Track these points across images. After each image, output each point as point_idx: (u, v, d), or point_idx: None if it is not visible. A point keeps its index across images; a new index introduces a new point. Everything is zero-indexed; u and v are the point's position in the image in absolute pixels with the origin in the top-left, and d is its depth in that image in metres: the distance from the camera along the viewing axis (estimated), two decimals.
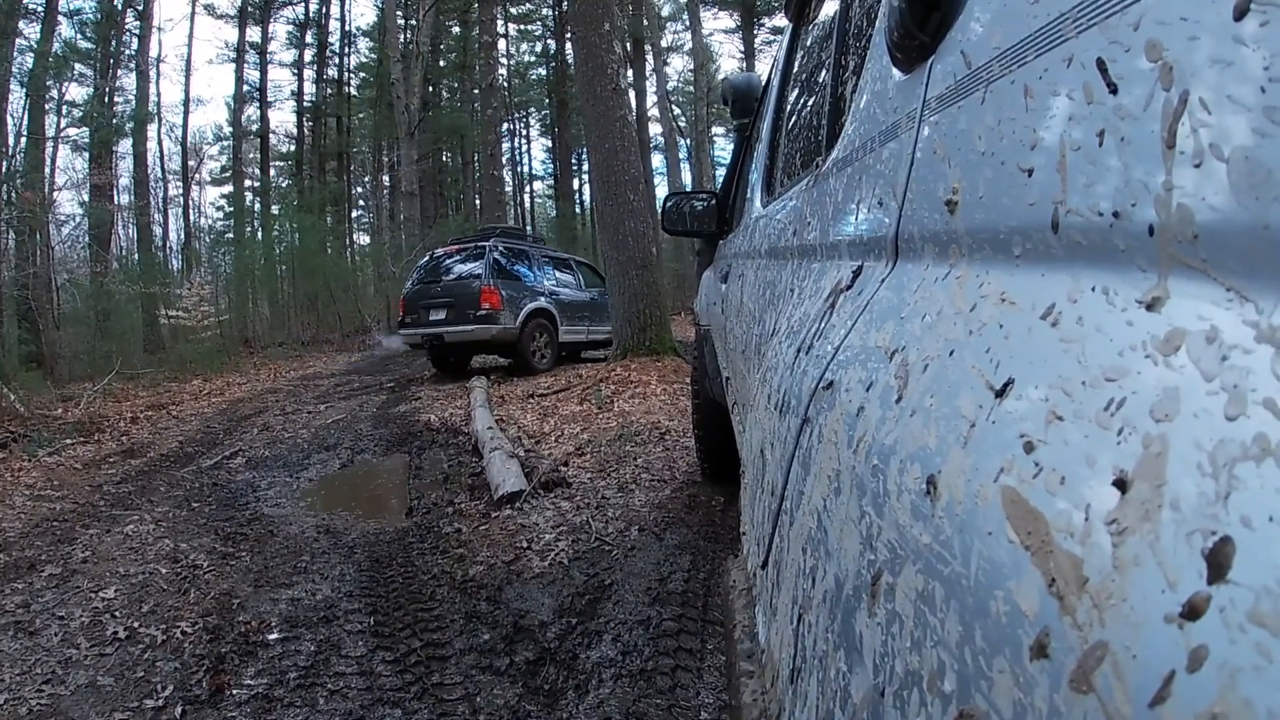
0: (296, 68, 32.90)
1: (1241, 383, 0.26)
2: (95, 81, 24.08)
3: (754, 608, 1.04)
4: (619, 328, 8.57)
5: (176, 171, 30.27)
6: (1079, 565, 0.30)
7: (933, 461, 0.45)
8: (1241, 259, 0.28)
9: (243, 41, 30.49)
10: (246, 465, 5.72)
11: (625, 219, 8.27)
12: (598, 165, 8.64)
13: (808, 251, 1.14)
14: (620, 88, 8.61)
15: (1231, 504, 0.24)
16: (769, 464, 0.97)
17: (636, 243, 8.34)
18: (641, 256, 8.35)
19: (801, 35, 1.77)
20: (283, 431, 6.99)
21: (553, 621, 2.70)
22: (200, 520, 4.23)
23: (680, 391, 6.75)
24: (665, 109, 23.55)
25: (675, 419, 5.85)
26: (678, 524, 3.59)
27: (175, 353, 15.61)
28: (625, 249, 8.31)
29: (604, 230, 8.76)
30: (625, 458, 4.85)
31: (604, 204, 8.55)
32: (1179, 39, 0.32)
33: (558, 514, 3.85)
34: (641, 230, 8.39)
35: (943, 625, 0.39)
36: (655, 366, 7.76)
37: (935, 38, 0.62)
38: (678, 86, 32.99)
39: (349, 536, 3.81)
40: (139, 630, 2.77)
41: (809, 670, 0.62)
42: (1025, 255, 0.45)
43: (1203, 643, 0.23)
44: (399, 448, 5.98)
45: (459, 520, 3.90)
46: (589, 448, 5.19)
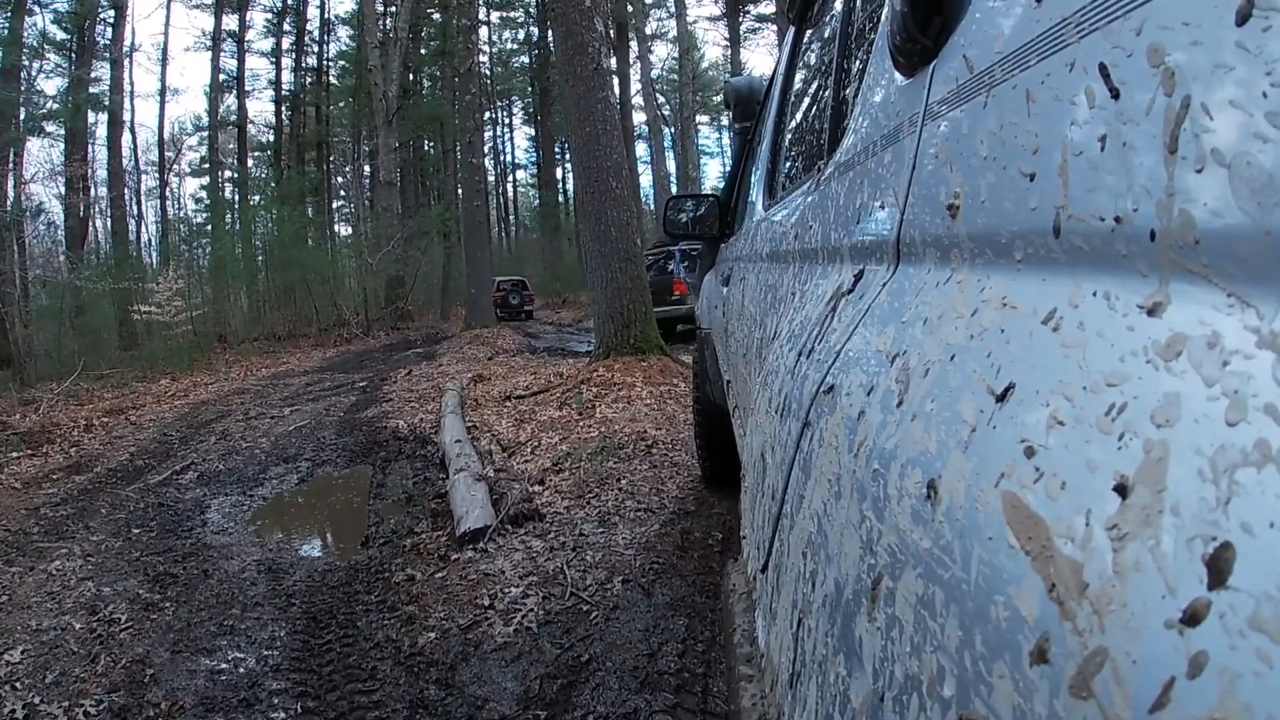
0: (274, 56, 32.54)
1: (1242, 388, 0.26)
2: (70, 72, 23.89)
3: (754, 611, 1.04)
4: (600, 324, 7.95)
5: (155, 162, 30.11)
6: (1079, 570, 0.30)
7: (933, 466, 0.45)
8: (1243, 264, 0.28)
9: (219, 29, 30.07)
10: (198, 480, 5.34)
11: (607, 208, 7.60)
12: (578, 150, 7.94)
13: (809, 255, 1.14)
14: (602, 68, 7.90)
15: (1232, 510, 0.24)
16: (769, 467, 0.97)
17: (619, 234, 7.66)
18: (624, 248, 7.69)
19: (804, 38, 1.77)
20: (241, 440, 6.63)
21: (516, 717, 2.23)
22: (134, 553, 3.85)
23: (668, 394, 6.40)
24: (650, 96, 23.13)
25: (662, 427, 5.40)
26: (669, 572, 3.07)
27: (146, 350, 15.52)
28: (607, 240, 7.63)
29: (585, 220, 8.04)
30: (607, 478, 4.33)
31: (585, 192, 7.84)
32: (1181, 44, 0.32)
33: (527, 556, 3.29)
34: (625, 220, 7.70)
35: (943, 630, 0.39)
36: (640, 366, 7.21)
37: (937, 42, 0.62)
38: (662, 75, 32.69)
39: (291, 579, 3.34)
40: (38, 708, 2.44)
41: (808, 674, 0.62)
42: (1027, 260, 0.45)
43: (1203, 648, 0.23)
44: (363, 459, 5.63)
45: (415, 562, 3.38)
46: (567, 462, 4.72)
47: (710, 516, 3.63)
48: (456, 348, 13.43)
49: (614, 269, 7.67)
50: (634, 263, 7.79)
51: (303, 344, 18.14)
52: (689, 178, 19.51)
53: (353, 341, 17.66)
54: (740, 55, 28.67)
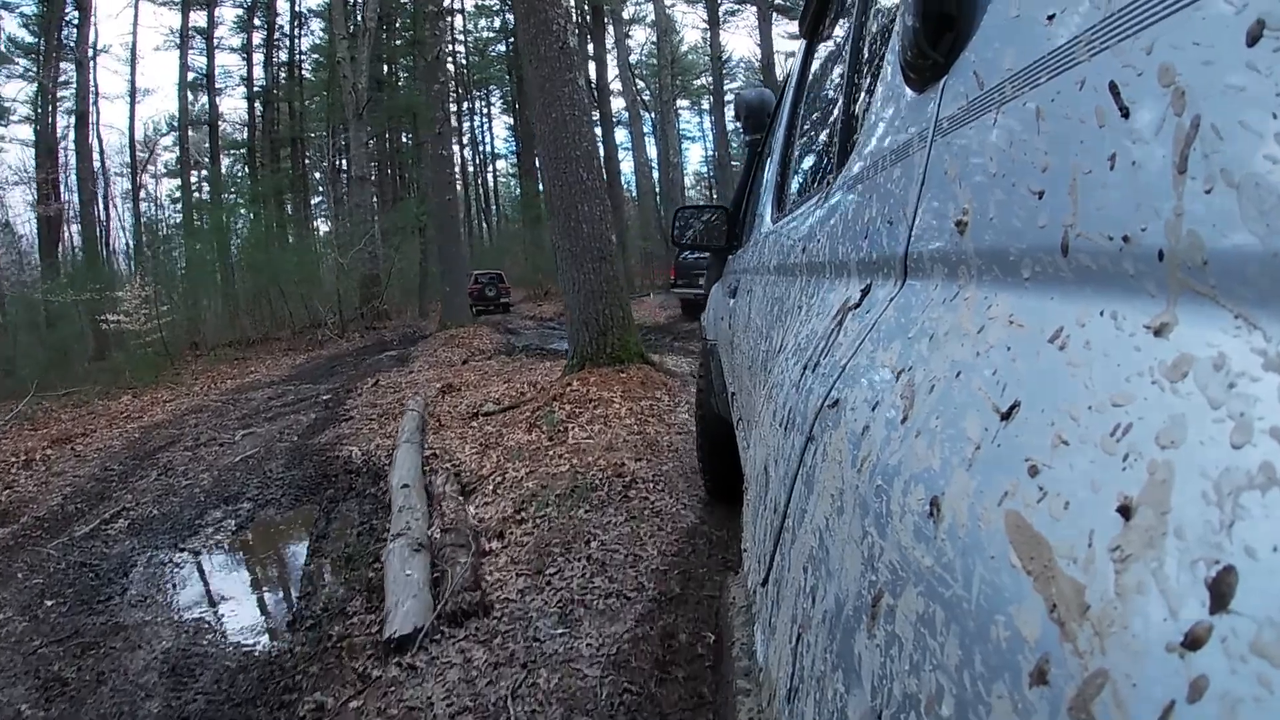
0: (245, 52, 31.94)
1: (1248, 411, 0.26)
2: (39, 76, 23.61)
3: (753, 625, 1.04)
4: (574, 332, 7.14)
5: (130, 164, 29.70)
6: (1081, 591, 0.30)
7: (936, 483, 0.45)
8: (1251, 286, 0.28)
9: (186, 26, 29.48)
10: (129, 530, 4.76)
11: (578, 201, 6.85)
12: (544, 138, 7.09)
13: (816, 268, 1.14)
14: (568, 46, 7.17)
15: (1235, 533, 0.24)
16: (772, 481, 0.97)
17: (592, 230, 6.91)
18: (598, 246, 6.93)
19: (814, 52, 1.78)
20: (183, 476, 6.01)
21: None
22: (37, 640, 3.27)
23: (649, 412, 5.68)
24: (628, 80, 22.43)
25: (643, 457, 4.62)
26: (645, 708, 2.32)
27: (112, 363, 14.86)
28: (579, 237, 6.89)
29: (554, 215, 7.22)
30: (576, 537, 3.54)
31: (553, 184, 7.06)
32: (1192, 64, 0.31)
33: (465, 677, 2.53)
34: (598, 215, 6.96)
35: (942, 649, 0.38)
36: (619, 379, 6.49)
37: (948, 58, 0.62)
38: (641, 59, 32.13)
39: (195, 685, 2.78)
40: None
41: (806, 690, 0.61)
42: (1034, 277, 0.45)
43: (1203, 673, 0.23)
44: (310, 498, 5.08)
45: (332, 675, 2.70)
46: (532, 507, 4.01)
47: (700, 602, 2.94)
48: (430, 350, 12.83)
49: (586, 270, 6.93)
50: (609, 262, 7.04)
51: (275, 349, 17.40)
52: (670, 163, 18.92)
53: (326, 345, 16.95)
54: (720, 38, 28.04)
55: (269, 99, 31.97)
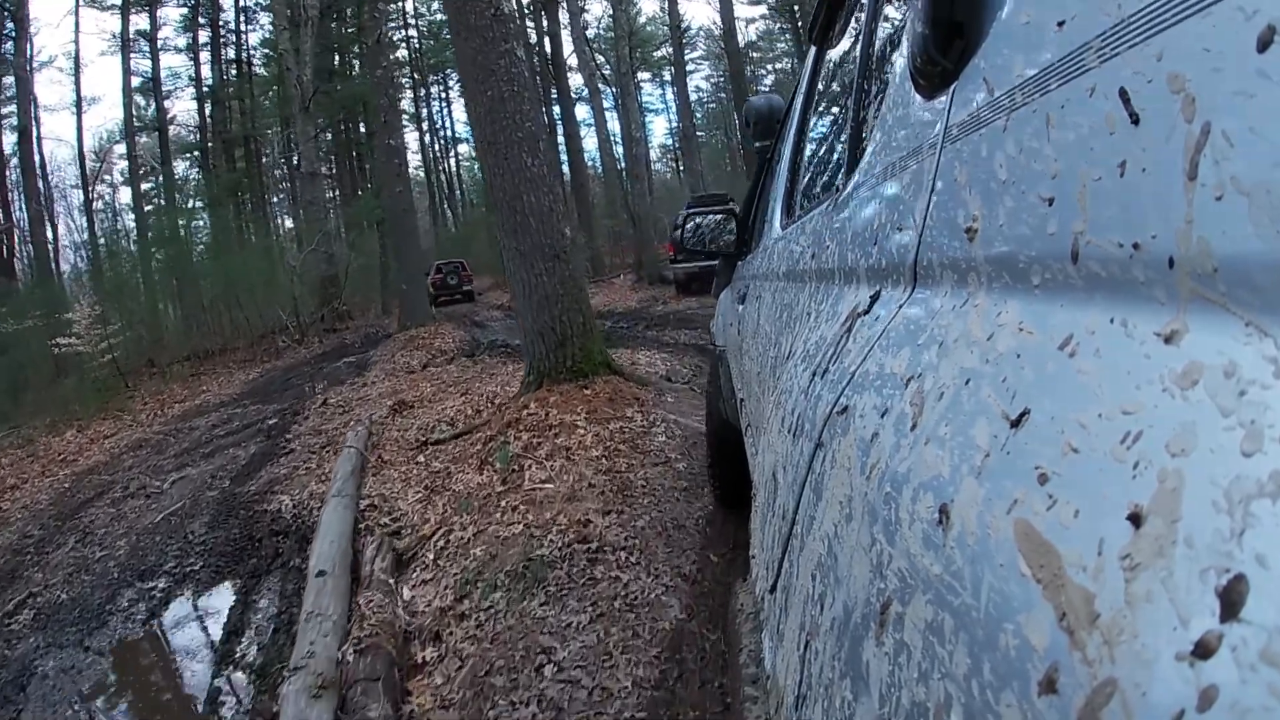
0: (193, 51, 30.49)
1: (1259, 418, 0.26)
2: None
3: (761, 632, 1.03)
4: (529, 344, 6.16)
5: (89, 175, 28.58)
6: (1090, 600, 0.29)
7: (946, 491, 0.44)
8: (1261, 293, 0.28)
9: (126, 30, 28.17)
10: (33, 623, 4.14)
11: (523, 191, 5.91)
12: (479, 120, 6.05)
13: (826, 275, 1.14)
14: (502, 13, 6.16)
15: (1246, 541, 0.24)
16: (781, 487, 0.97)
17: (541, 224, 5.92)
18: (550, 242, 5.95)
19: (824, 59, 1.78)
20: (99, 544, 5.32)
21: None
22: None
23: (619, 436, 4.68)
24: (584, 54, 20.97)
25: (613, 506, 3.69)
26: None
27: (62, 391, 13.93)
28: (526, 233, 5.93)
29: (497, 209, 6.24)
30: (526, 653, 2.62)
31: (494, 173, 6.02)
32: (1202, 71, 0.31)
33: None
34: (547, 206, 5.96)
35: (951, 657, 0.38)
36: (582, 397, 5.49)
37: (958, 65, 0.62)
38: (599, 33, 30.80)
39: None
40: None
41: (814, 698, 0.61)
42: (1044, 285, 0.45)
43: (1213, 682, 0.23)
44: (232, 568, 4.46)
45: None
46: (476, 592, 3.18)
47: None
48: (389, 355, 11.86)
49: (538, 271, 5.97)
50: (564, 260, 6.06)
51: (232, 361, 16.32)
52: (632, 137, 18.44)
53: (285, 353, 15.82)
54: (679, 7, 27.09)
55: (219, 98, 30.70)
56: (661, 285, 15.97)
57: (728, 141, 38.70)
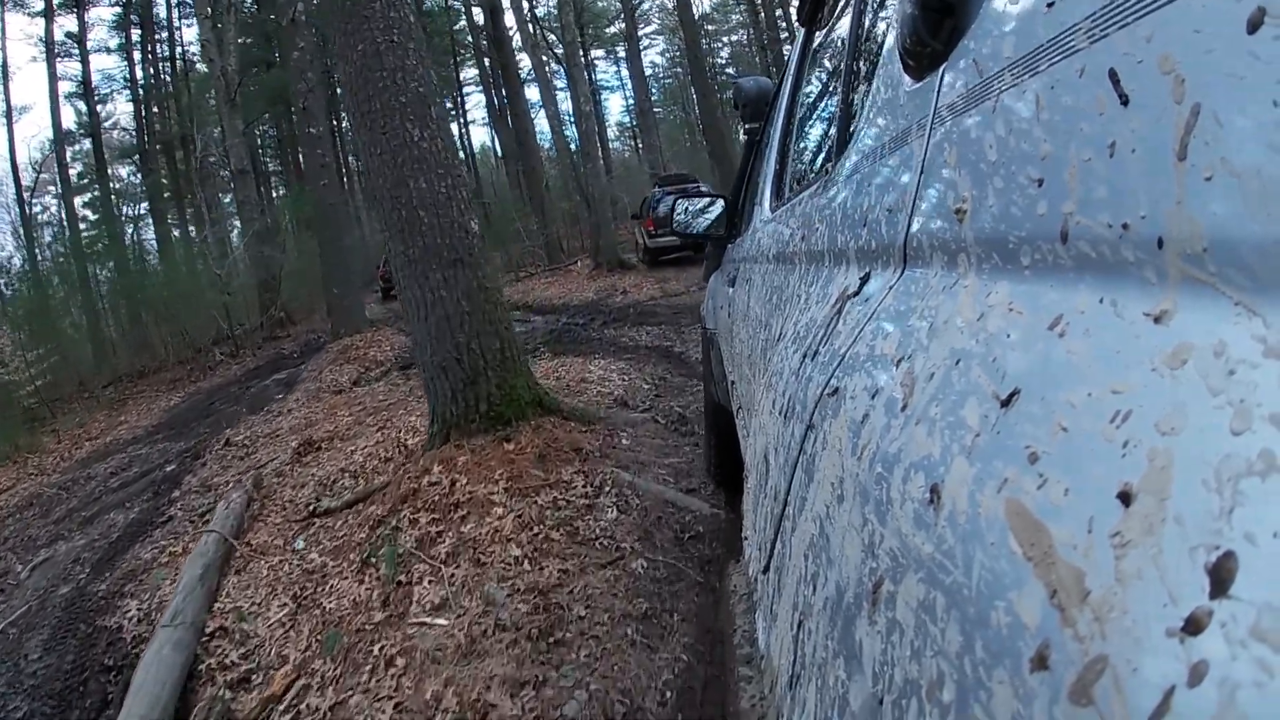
0: (125, 51, 28.41)
1: (1248, 397, 0.26)
2: None
3: (754, 613, 1.04)
4: (429, 383, 4.56)
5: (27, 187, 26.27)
6: (1081, 577, 0.30)
7: (936, 470, 0.45)
8: (1251, 273, 0.28)
9: (51, 32, 26.01)
10: None
11: (409, 175, 4.36)
12: (349, 82, 4.53)
13: (815, 257, 1.14)
14: None
15: (1235, 519, 0.24)
16: (772, 469, 0.97)
17: (436, 218, 4.38)
18: (449, 243, 4.40)
19: (813, 41, 1.77)
20: None
21: None
22: None
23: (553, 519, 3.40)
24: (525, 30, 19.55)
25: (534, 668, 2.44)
26: None
27: None
28: (415, 233, 4.37)
29: (376, 200, 4.73)
30: None
31: (368, 150, 4.52)
32: (1192, 52, 0.31)
33: None
34: (444, 194, 4.43)
35: (943, 635, 0.39)
36: (503, 455, 4.01)
37: (948, 45, 0.62)
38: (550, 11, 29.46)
39: None
40: None
41: (808, 677, 0.62)
42: (1034, 265, 0.45)
43: (1203, 658, 0.23)
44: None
45: None
46: None
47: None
48: (318, 370, 10.35)
49: (433, 282, 4.35)
50: (470, 266, 4.44)
51: (161, 381, 14.70)
52: (582, 111, 17.31)
53: (219, 368, 14.27)
54: None
55: (152, 98, 28.78)
56: (622, 271, 14.88)
57: (685, 117, 37.98)
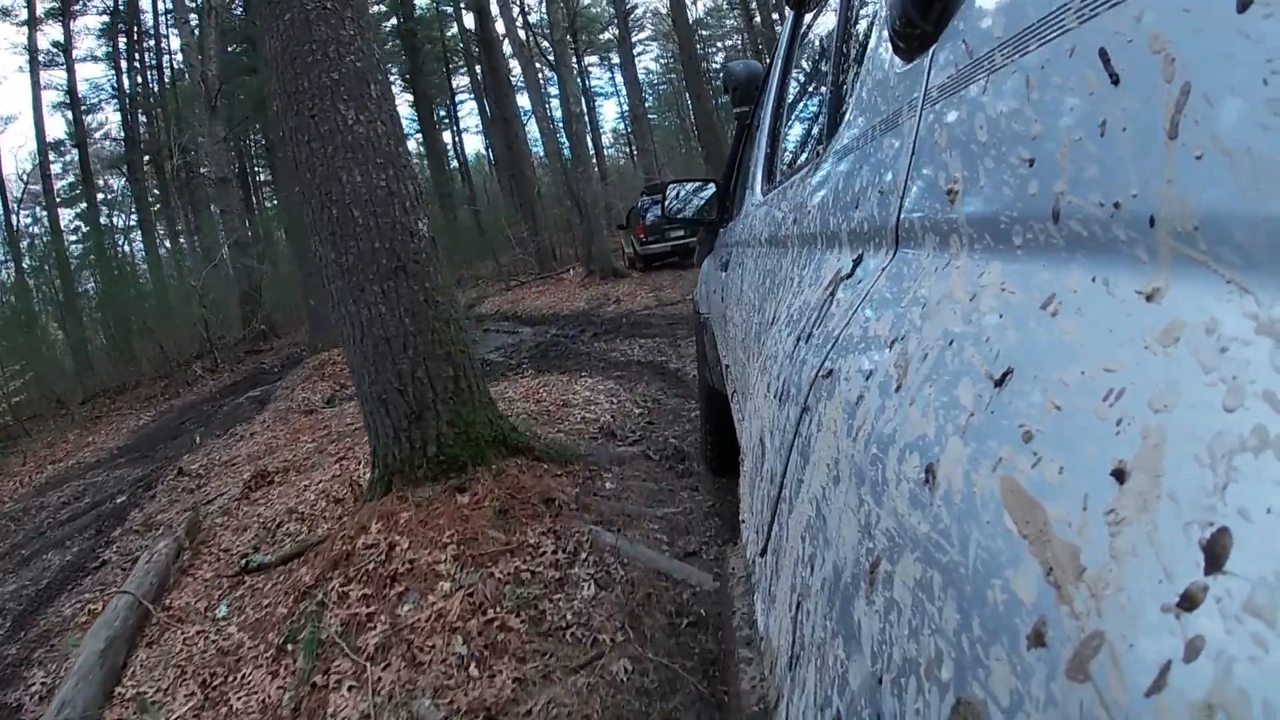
0: (113, 60, 27.84)
1: (1240, 375, 0.26)
2: None
3: (753, 595, 1.05)
4: (368, 418, 3.81)
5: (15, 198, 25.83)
6: (1076, 555, 0.30)
7: (931, 450, 0.45)
8: (1242, 251, 0.28)
9: (34, 42, 25.48)
10: None
11: (341, 167, 3.62)
12: (275, 59, 3.76)
13: (808, 240, 1.14)
14: None
15: (1229, 495, 0.24)
16: (768, 452, 0.98)
17: (374, 219, 3.65)
18: (390, 248, 3.67)
19: (803, 23, 1.76)
20: None
21: None
22: None
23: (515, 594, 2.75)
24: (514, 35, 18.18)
25: None
26: None
27: None
28: (349, 236, 3.64)
29: (305, 197, 3.84)
30: None
31: (295, 138, 3.73)
32: (1182, 31, 0.32)
33: None
34: (383, 189, 3.70)
35: (940, 613, 0.39)
36: (454, 511, 3.31)
37: (937, 27, 0.62)
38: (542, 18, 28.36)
39: None
40: None
41: (807, 657, 0.62)
42: (1026, 245, 0.45)
43: (1199, 633, 0.23)
44: None
45: None
46: None
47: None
48: (290, 387, 9.72)
49: (370, 296, 3.60)
50: (413, 276, 3.69)
51: (137, 398, 14.11)
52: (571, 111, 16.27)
53: (197, 384, 13.68)
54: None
55: (138, 107, 28.14)
56: (615, 279, 14.31)
57: (680, 123, 37.76)
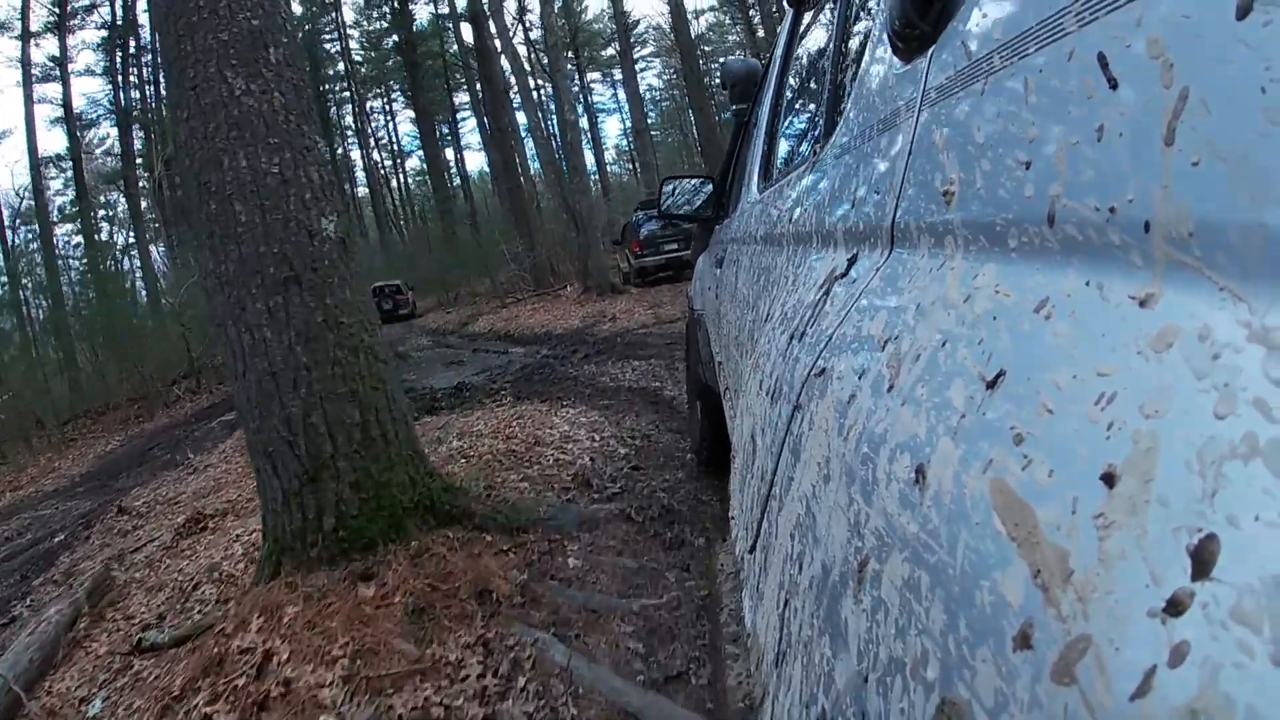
0: (110, 76, 27.79)
1: (1232, 381, 0.26)
2: None
3: (741, 592, 1.05)
4: (258, 474, 2.97)
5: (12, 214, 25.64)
6: (1065, 558, 0.30)
7: (922, 451, 0.45)
8: (1236, 258, 0.28)
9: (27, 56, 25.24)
10: None
11: (224, 149, 2.84)
12: (160, 21, 3.05)
13: (803, 238, 1.14)
14: None
15: (1218, 502, 0.25)
16: (759, 449, 0.98)
17: (260, 215, 2.84)
18: (281, 253, 2.85)
19: (802, 22, 1.76)
20: None
21: None
22: None
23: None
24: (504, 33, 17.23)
25: None
26: None
27: None
28: (228, 237, 2.84)
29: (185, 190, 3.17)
30: None
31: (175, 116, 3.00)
32: (1181, 37, 0.32)
33: None
34: (274, 179, 2.88)
35: (927, 613, 0.39)
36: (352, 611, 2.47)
37: (936, 28, 0.62)
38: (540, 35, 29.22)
39: None
40: None
41: (794, 655, 0.62)
42: (1020, 248, 0.45)
43: (1185, 638, 0.23)
44: None
45: None
46: None
47: None
48: None
49: (252, 314, 2.85)
50: (310, 289, 2.89)
51: (114, 420, 13.73)
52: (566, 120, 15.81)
53: (174, 406, 13.37)
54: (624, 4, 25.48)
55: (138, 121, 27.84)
56: (612, 295, 13.98)
57: (684, 139, 37.71)
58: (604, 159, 38.68)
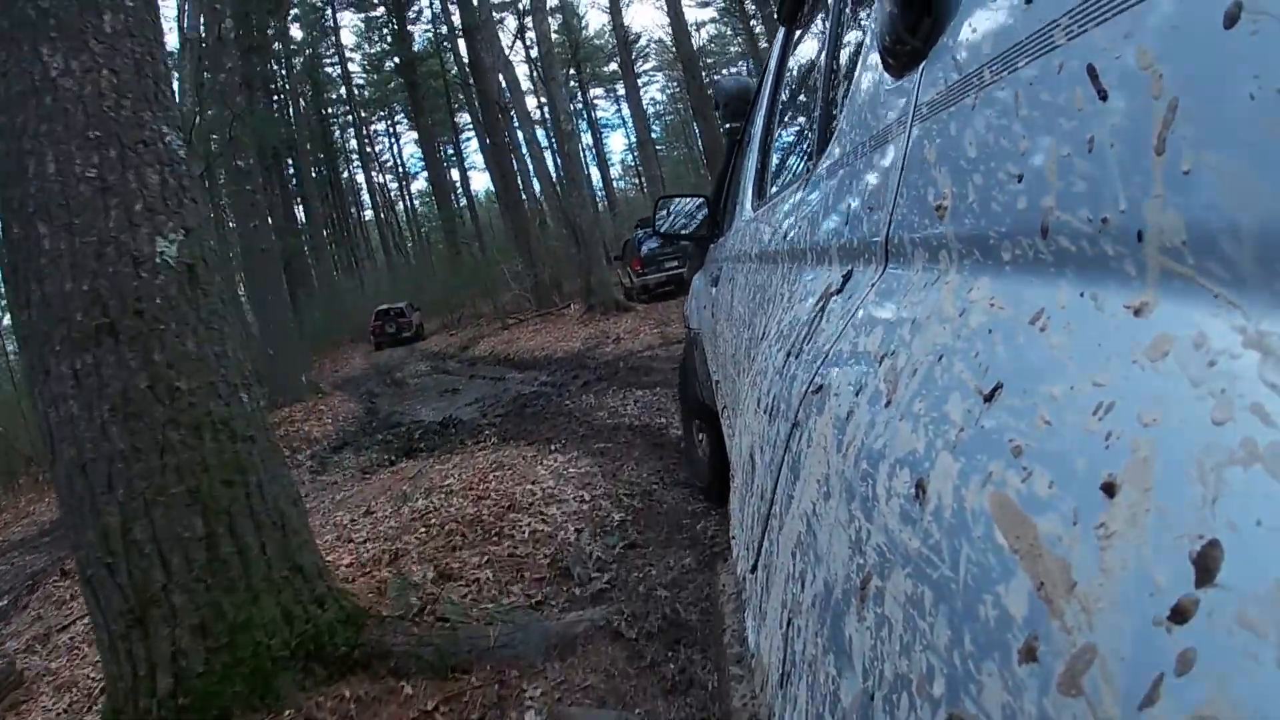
0: None
1: (1229, 388, 0.26)
2: None
3: (743, 612, 1.04)
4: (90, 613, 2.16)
5: None
6: (1067, 569, 0.30)
7: (922, 466, 0.45)
8: (1229, 265, 0.28)
9: None
10: None
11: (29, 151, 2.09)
12: None
13: (798, 255, 1.15)
14: None
15: (1219, 508, 0.24)
16: (758, 468, 0.97)
17: (69, 238, 2.06)
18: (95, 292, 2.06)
19: (793, 39, 1.78)
20: None
21: None
22: None
23: None
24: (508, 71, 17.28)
25: None
26: None
27: None
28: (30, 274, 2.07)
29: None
30: None
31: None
32: (1170, 47, 0.32)
33: None
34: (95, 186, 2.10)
35: (932, 629, 0.39)
36: None
37: (927, 43, 0.62)
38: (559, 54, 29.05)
39: None
40: None
41: (798, 674, 0.62)
42: (1015, 260, 0.46)
43: (1191, 646, 0.23)
44: None
45: None
46: None
47: None
48: None
49: (57, 377, 2.05)
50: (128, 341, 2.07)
51: None
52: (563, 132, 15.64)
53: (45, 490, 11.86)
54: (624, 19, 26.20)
55: None
56: (617, 314, 13.51)
57: (689, 153, 38.04)
58: (609, 175, 38.96)
